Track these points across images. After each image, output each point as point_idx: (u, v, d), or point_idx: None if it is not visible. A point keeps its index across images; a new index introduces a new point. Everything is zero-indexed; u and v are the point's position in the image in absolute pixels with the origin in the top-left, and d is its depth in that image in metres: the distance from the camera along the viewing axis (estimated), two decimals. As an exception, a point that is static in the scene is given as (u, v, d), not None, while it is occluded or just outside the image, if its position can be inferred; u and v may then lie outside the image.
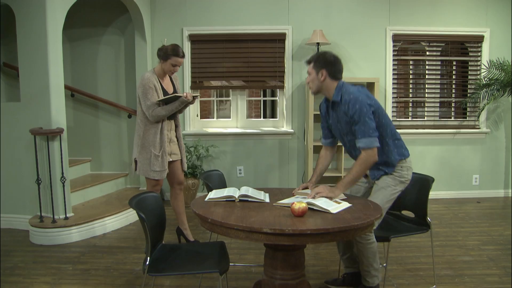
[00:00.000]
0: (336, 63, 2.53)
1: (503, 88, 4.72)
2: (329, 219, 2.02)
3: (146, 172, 3.23)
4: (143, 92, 3.14)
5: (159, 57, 3.23)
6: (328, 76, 2.51)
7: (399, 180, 2.59)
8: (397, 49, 5.12)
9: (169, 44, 3.23)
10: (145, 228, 2.13)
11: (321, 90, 2.57)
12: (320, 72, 2.51)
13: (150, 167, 3.21)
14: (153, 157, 3.19)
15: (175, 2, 5.00)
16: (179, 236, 3.61)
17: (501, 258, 3.30)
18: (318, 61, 2.51)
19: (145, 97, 3.13)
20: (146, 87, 3.13)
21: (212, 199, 2.37)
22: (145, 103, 3.13)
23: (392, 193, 2.57)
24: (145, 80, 3.15)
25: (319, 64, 2.51)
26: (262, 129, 5.15)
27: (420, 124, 5.22)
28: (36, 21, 3.64)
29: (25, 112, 3.82)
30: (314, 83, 2.56)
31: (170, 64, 3.19)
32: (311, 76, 2.56)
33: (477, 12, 5.04)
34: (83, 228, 3.80)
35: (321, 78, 2.51)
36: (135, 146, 3.29)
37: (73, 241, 3.72)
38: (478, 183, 5.24)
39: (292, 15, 5.01)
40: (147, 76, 3.18)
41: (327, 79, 2.51)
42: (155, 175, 3.22)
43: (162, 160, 3.22)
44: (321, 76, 2.51)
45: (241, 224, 1.89)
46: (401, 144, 2.63)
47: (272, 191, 2.62)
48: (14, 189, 4.04)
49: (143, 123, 3.22)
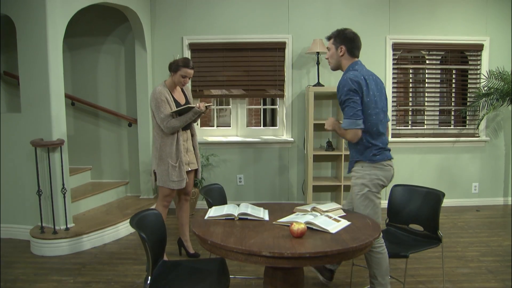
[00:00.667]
0: (355, 40, 2.63)
1: (502, 97, 4.73)
2: (328, 240, 2.03)
3: (165, 183, 3.29)
4: (156, 105, 3.21)
5: (170, 70, 3.32)
6: (347, 52, 2.61)
7: (360, 184, 2.60)
8: (397, 57, 5.13)
9: (180, 58, 3.35)
10: (146, 248, 2.14)
11: (339, 66, 2.67)
12: (339, 47, 2.61)
13: (169, 178, 3.27)
14: (170, 167, 3.26)
15: (175, 11, 5.01)
16: (180, 248, 3.64)
17: (500, 271, 3.32)
18: (339, 36, 2.62)
19: (158, 110, 3.19)
20: (159, 100, 3.20)
21: (212, 217, 2.39)
22: (159, 116, 3.19)
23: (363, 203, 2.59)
24: (157, 93, 3.22)
25: (339, 40, 2.62)
26: (262, 137, 5.16)
27: (420, 133, 5.23)
28: (36, 32, 3.65)
29: (25, 123, 3.83)
30: (333, 58, 2.66)
31: (180, 75, 3.27)
32: (330, 52, 2.67)
33: (476, 20, 5.05)
34: (84, 239, 3.82)
35: (339, 53, 2.62)
36: (153, 158, 3.36)
37: (74, 252, 3.74)
38: (478, 191, 5.26)
39: (292, 24, 5.02)
40: (158, 89, 3.25)
41: (345, 55, 2.61)
42: (173, 185, 3.29)
43: (179, 170, 3.29)
44: (340, 51, 2.61)
45: (240, 247, 1.90)
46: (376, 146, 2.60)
47: (272, 207, 2.64)
48: (14, 199, 4.06)
49: (159, 136, 3.29)
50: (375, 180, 2.58)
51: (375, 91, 2.59)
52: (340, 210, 2.54)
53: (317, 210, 2.47)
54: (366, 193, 2.58)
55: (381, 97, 2.64)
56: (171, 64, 3.32)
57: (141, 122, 4.96)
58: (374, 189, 2.58)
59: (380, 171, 2.59)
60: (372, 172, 2.58)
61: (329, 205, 2.57)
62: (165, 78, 4.93)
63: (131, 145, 5.12)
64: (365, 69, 2.63)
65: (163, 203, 3.39)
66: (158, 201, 3.42)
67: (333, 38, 2.65)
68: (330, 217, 2.34)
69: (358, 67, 2.60)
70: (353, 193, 2.66)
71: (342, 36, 2.61)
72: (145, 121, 4.95)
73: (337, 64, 2.67)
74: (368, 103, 2.53)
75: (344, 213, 2.51)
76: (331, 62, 2.70)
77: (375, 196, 2.59)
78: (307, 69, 5.05)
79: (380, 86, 2.67)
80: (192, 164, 3.46)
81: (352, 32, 2.64)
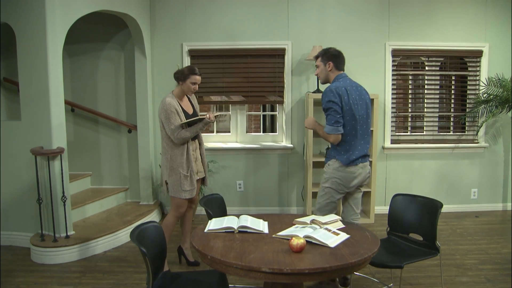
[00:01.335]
0: (340, 56, 3.08)
1: (501, 104, 4.74)
2: (327, 254, 2.05)
3: (177, 193, 3.30)
4: (166, 117, 3.21)
5: (178, 80, 3.33)
6: (334, 67, 3.04)
7: (324, 178, 3.08)
8: (396, 63, 5.14)
9: (184, 67, 3.39)
10: (147, 262, 2.15)
11: (328, 79, 3.10)
12: (327, 64, 3.05)
13: (181, 188, 3.29)
14: (182, 177, 3.28)
15: (174, 18, 5.02)
16: (180, 256, 3.65)
17: (498, 279, 3.33)
18: (325, 54, 3.07)
19: (168, 122, 3.21)
20: (169, 112, 3.21)
21: (212, 230, 2.40)
22: (169, 127, 3.21)
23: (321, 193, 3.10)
24: (167, 105, 3.22)
25: (326, 57, 3.06)
26: (262, 144, 5.18)
27: (419, 139, 5.25)
28: (36, 41, 3.66)
29: (25, 131, 3.84)
30: (323, 73, 3.10)
31: (190, 83, 3.30)
32: (320, 68, 3.11)
33: (476, 27, 5.06)
34: (84, 246, 3.82)
35: (328, 69, 3.05)
36: (164, 168, 3.36)
37: (74, 260, 3.75)
38: (477, 197, 5.27)
39: (292, 31, 5.03)
40: (168, 101, 3.24)
41: (333, 69, 3.05)
42: (186, 194, 3.31)
43: (191, 180, 3.32)
44: (328, 67, 3.05)
45: (240, 263, 1.92)
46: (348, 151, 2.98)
47: (271, 218, 2.65)
48: (15, 207, 4.06)
49: (169, 146, 3.30)
50: (337, 181, 3.01)
51: (358, 100, 2.96)
52: (339, 222, 2.56)
53: (316, 222, 2.49)
54: (326, 188, 3.06)
55: (363, 106, 3.00)
56: (177, 74, 3.33)
57: (141, 129, 4.97)
58: (333, 186, 3.03)
59: (344, 174, 2.98)
60: (338, 174, 2.99)
61: (328, 217, 2.59)
62: (164, 84, 5.01)
63: (131, 151, 5.13)
64: (348, 81, 3.03)
65: (176, 214, 3.39)
66: (171, 212, 3.41)
67: (320, 56, 3.09)
68: (329, 230, 2.35)
69: (342, 79, 3.01)
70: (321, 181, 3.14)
71: (328, 54, 3.05)
72: (145, 128, 4.96)
73: (326, 78, 3.10)
74: (348, 111, 2.90)
75: (343, 225, 2.53)
76: (321, 77, 3.13)
77: (334, 192, 3.04)
78: (306, 75, 5.06)
79: (364, 96, 3.05)
80: (200, 173, 3.49)
81: (336, 49, 3.09)
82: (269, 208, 5.20)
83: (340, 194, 3.05)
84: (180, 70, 3.34)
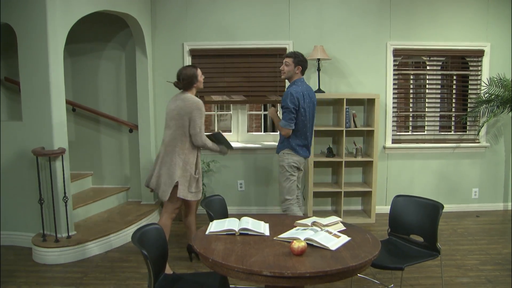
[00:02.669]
0: (307, 62, 3.74)
1: (503, 104, 4.74)
2: (328, 258, 2.05)
3: (184, 194, 3.32)
4: (200, 115, 3.28)
5: (190, 84, 3.38)
6: (301, 71, 3.68)
7: (281, 165, 3.71)
8: (398, 63, 5.13)
9: (185, 69, 3.45)
10: (148, 264, 2.16)
11: (291, 78, 3.69)
12: (297, 67, 3.64)
13: (188, 189, 3.33)
14: (192, 179, 3.35)
15: (175, 17, 5.02)
16: (190, 254, 3.71)
17: (499, 280, 3.34)
18: (297, 58, 3.63)
19: (200, 121, 3.29)
20: (203, 111, 3.32)
21: (213, 232, 2.40)
22: (199, 126, 3.29)
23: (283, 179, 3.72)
24: (201, 105, 3.32)
25: (297, 61, 3.64)
26: (263, 143, 5.18)
27: (420, 138, 5.24)
28: (37, 42, 3.66)
29: (27, 132, 3.85)
30: (290, 72, 3.67)
31: (201, 77, 3.47)
32: (289, 67, 3.65)
33: (477, 26, 5.05)
34: (86, 246, 3.84)
35: (296, 71, 3.65)
36: (176, 169, 3.30)
37: (76, 260, 3.76)
38: (478, 196, 5.27)
39: (293, 30, 5.02)
40: (201, 102, 3.34)
41: (299, 73, 3.67)
42: (192, 196, 3.37)
43: (198, 183, 3.41)
44: (297, 70, 3.65)
45: (241, 267, 1.92)
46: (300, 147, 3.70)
47: (272, 220, 2.65)
48: (16, 207, 4.07)
49: (186, 147, 3.33)
50: (292, 163, 3.67)
51: (309, 103, 3.66)
52: (340, 224, 2.56)
53: (317, 224, 2.49)
54: (284, 173, 3.68)
55: (311, 108, 3.71)
56: (187, 79, 3.36)
57: (142, 128, 4.97)
58: (289, 170, 3.68)
59: (296, 157, 3.68)
60: (291, 158, 3.67)
61: (329, 218, 2.58)
62: (165, 84, 4.99)
63: (132, 151, 5.13)
64: (305, 85, 3.68)
65: (172, 216, 3.44)
66: (166, 214, 3.42)
67: (293, 57, 3.63)
68: (330, 232, 2.35)
69: (301, 84, 3.65)
70: (278, 171, 3.79)
71: (300, 59, 3.64)
72: (146, 127, 4.97)
73: (290, 77, 3.69)
74: (302, 112, 3.59)
75: (344, 227, 2.53)
76: (286, 74, 3.69)
77: (291, 175, 3.69)
78: (307, 75, 5.05)
79: (313, 100, 3.74)
80: None
81: (304, 56, 3.69)
82: (270, 208, 5.21)
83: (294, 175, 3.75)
84: (188, 74, 3.37)
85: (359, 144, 4.95)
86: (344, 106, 4.63)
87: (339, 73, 5.07)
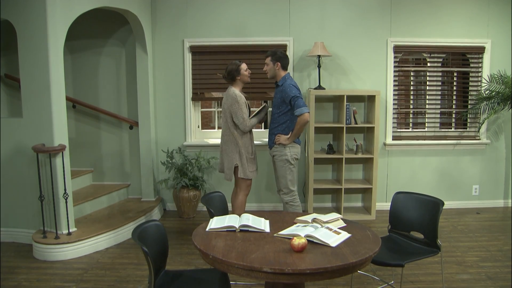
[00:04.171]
0: (286, 58, 3.83)
1: (503, 101, 4.73)
2: (329, 254, 2.05)
3: (245, 174, 3.79)
4: (239, 107, 3.67)
5: (233, 77, 3.76)
6: (281, 67, 3.79)
7: (284, 159, 3.81)
8: (398, 60, 5.12)
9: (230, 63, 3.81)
10: (148, 261, 2.16)
11: (275, 76, 3.83)
12: (276, 63, 3.78)
13: (248, 169, 3.79)
14: (249, 160, 3.81)
15: (175, 14, 5.00)
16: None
17: (499, 277, 3.34)
18: (274, 56, 3.78)
19: (241, 111, 3.68)
20: (241, 103, 3.69)
21: (213, 229, 2.40)
22: (242, 116, 3.69)
23: (287, 172, 3.83)
24: (238, 97, 3.71)
25: (275, 58, 3.78)
26: (263, 140, 5.17)
27: (421, 135, 5.24)
28: (37, 38, 3.65)
29: (27, 128, 3.85)
30: (271, 71, 3.82)
31: (245, 70, 3.78)
32: (269, 66, 3.82)
33: (478, 23, 5.03)
34: (86, 243, 3.84)
35: (276, 68, 3.78)
36: (234, 154, 3.78)
37: (76, 256, 3.76)
38: (478, 193, 5.27)
39: (293, 27, 5.01)
40: (238, 93, 3.73)
41: (280, 69, 3.79)
42: (252, 174, 3.85)
43: (255, 161, 3.89)
44: (277, 66, 3.78)
45: (242, 263, 1.92)
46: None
47: (273, 217, 2.65)
48: (16, 204, 4.08)
49: (239, 133, 3.77)
50: (294, 156, 3.81)
51: None
52: (340, 220, 2.56)
53: (317, 221, 2.49)
54: (288, 166, 3.81)
55: None
56: (231, 73, 3.73)
57: (142, 125, 4.97)
58: (293, 162, 3.82)
59: (297, 149, 3.83)
60: (293, 151, 3.80)
61: (330, 215, 2.59)
62: (166, 81, 5.01)
63: (132, 148, 5.14)
64: (293, 80, 3.81)
65: (246, 192, 3.91)
66: (241, 192, 3.88)
67: (270, 56, 3.79)
68: (330, 229, 2.35)
69: (289, 79, 3.78)
70: (278, 165, 3.88)
71: (276, 56, 3.77)
72: (146, 124, 4.96)
73: (273, 75, 3.84)
74: None
75: (344, 224, 2.53)
76: (270, 73, 3.84)
77: (293, 167, 3.84)
78: (308, 72, 5.05)
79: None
80: None
81: (282, 52, 3.84)
82: (271, 204, 5.22)
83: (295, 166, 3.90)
84: (229, 69, 3.73)
85: (359, 140, 4.95)
86: (344, 102, 4.63)
87: (339, 70, 5.06)
